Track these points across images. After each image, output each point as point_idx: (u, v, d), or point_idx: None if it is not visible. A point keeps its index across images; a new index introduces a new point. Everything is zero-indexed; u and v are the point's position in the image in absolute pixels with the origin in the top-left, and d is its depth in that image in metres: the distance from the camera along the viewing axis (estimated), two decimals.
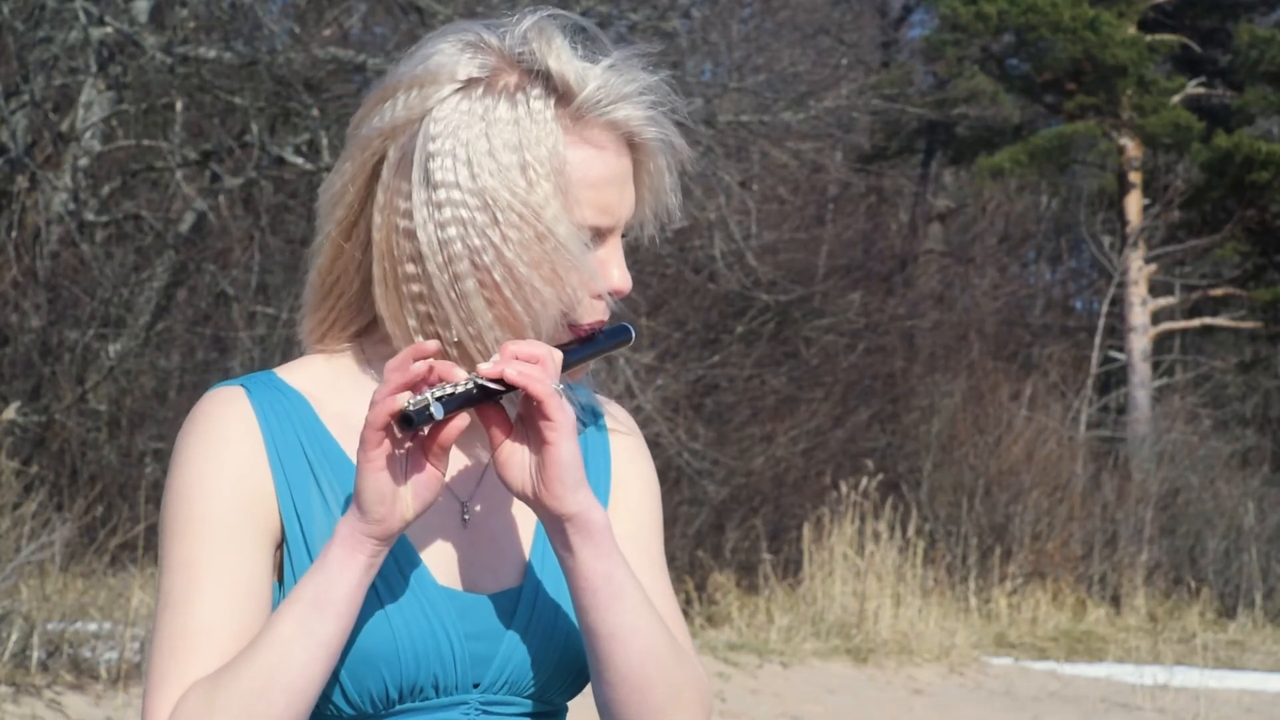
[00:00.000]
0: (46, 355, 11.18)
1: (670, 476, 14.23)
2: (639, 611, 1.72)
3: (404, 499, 1.65)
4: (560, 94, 1.73)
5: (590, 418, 1.89)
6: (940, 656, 12.06)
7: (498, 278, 1.70)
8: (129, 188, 12.74)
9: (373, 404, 1.63)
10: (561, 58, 1.74)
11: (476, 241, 1.70)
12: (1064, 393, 19.73)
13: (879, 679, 11.29)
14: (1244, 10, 23.52)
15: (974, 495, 15.53)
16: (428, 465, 1.66)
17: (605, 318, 1.79)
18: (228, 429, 1.73)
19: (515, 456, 1.69)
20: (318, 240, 1.80)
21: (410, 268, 1.72)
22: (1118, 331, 22.53)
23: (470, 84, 1.73)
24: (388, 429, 1.63)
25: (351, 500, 1.67)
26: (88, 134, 11.97)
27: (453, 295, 1.71)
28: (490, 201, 1.70)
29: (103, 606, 8.15)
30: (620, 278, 1.77)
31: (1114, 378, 22.97)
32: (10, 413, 7.40)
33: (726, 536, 14.89)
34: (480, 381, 1.66)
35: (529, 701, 1.78)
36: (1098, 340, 21.51)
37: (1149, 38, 21.92)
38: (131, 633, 7.68)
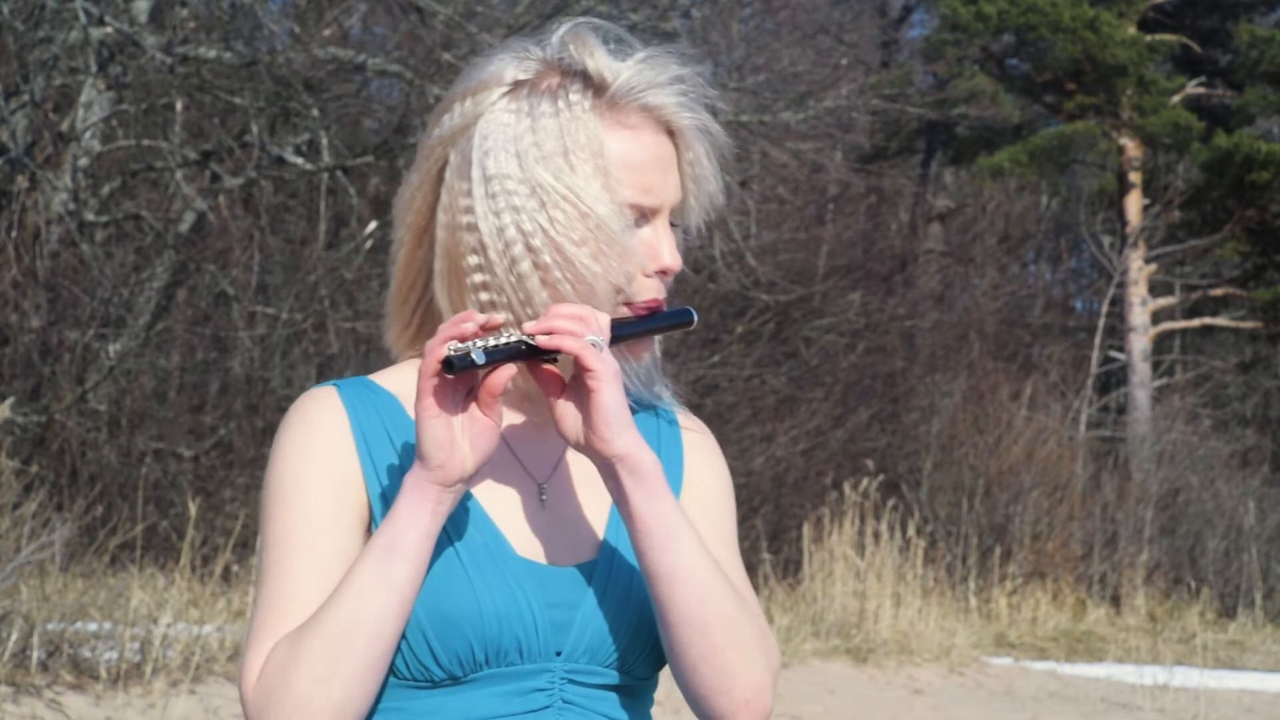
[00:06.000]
0: (46, 355, 11.17)
1: None
2: (694, 554, 1.82)
3: (462, 447, 1.78)
4: (597, 87, 1.89)
5: (666, 417, 2.02)
6: (940, 656, 12.06)
7: (548, 259, 1.85)
8: (129, 188, 12.74)
9: (425, 354, 1.77)
10: (596, 56, 1.90)
11: (528, 226, 1.85)
12: (1064, 393, 19.72)
13: (879, 679, 11.29)
14: (1244, 10, 23.51)
15: (974, 495, 15.53)
16: (482, 416, 1.79)
17: (661, 297, 1.94)
18: (318, 421, 1.88)
19: (568, 410, 1.83)
20: (393, 248, 1.97)
21: (473, 259, 1.87)
22: (1118, 331, 22.52)
23: (517, 87, 1.89)
24: (439, 376, 1.75)
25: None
26: (88, 134, 11.97)
27: (512, 279, 1.86)
28: (537, 187, 1.85)
29: (103, 606, 8.14)
30: (670, 257, 1.92)
31: (1114, 378, 22.97)
32: (5, 410, 7.38)
33: None
34: (524, 337, 1.79)
35: (612, 673, 1.88)
36: (1098, 340, 21.50)
37: (1149, 38, 21.92)
38: (131, 633, 7.67)
